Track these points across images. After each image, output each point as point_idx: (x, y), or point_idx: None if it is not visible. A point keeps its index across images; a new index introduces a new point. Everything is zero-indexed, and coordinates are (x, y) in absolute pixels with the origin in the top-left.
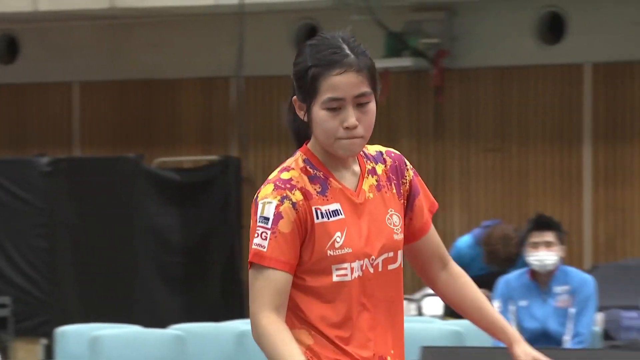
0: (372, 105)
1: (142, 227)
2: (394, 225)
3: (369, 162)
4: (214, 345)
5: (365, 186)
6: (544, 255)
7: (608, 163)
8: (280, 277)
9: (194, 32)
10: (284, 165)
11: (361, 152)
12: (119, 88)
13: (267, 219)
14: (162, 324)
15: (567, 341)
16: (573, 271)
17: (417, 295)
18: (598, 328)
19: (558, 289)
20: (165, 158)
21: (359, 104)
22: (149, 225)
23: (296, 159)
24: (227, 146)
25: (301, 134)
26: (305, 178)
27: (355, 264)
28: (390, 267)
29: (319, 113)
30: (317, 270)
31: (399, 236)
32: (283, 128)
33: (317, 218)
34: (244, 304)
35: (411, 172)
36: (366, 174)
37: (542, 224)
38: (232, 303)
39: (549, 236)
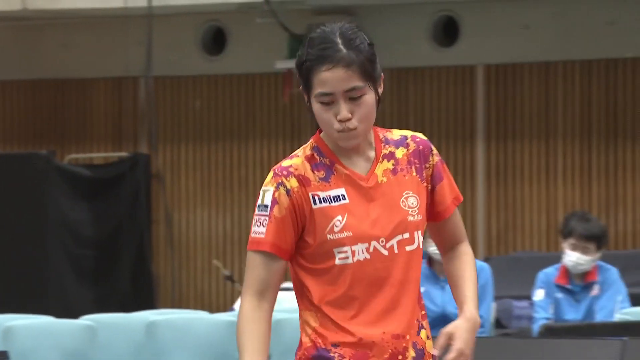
0: (367, 98)
1: (54, 221)
2: (410, 207)
3: (387, 146)
4: (124, 335)
5: (379, 170)
6: None
7: (500, 160)
8: (268, 261)
9: (104, 34)
10: (294, 152)
11: (381, 137)
12: (32, 87)
13: (266, 206)
14: (74, 314)
15: None
16: None
17: None
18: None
19: None
20: (76, 155)
21: (352, 97)
22: (60, 219)
23: (305, 147)
24: (137, 143)
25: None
26: (308, 165)
27: (357, 247)
28: (408, 248)
29: (315, 105)
30: (321, 254)
31: (416, 217)
32: (191, 126)
33: (315, 204)
34: (154, 295)
35: (436, 158)
36: (381, 159)
37: None
38: (142, 294)
39: None
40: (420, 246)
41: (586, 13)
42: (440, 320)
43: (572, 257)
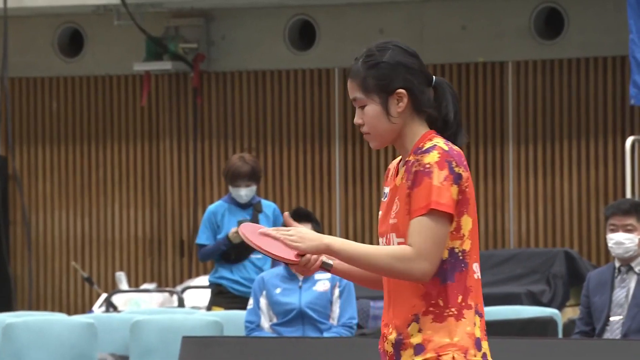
0: (369, 108)
1: None
2: (394, 210)
3: (412, 155)
4: None
5: (399, 175)
6: None
7: (356, 162)
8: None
9: None
10: None
11: (419, 145)
12: None
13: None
14: None
15: (333, 325)
16: None
17: (178, 287)
18: None
19: (319, 275)
20: None
21: (360, 105)
22: None
23: None
24: None
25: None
26: (397, 161)
27: (380, 241)
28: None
29: None
30: None
31: (392, 220)
32: (48, 128)
33: (383, 198)
34: (11, 297)
35: (417, 168)
36: (403, 164)
37: (301, 215)
38: (0, 297)
39: (307, 227)
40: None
41: (439, 18)
42: (299, 316)
43: None
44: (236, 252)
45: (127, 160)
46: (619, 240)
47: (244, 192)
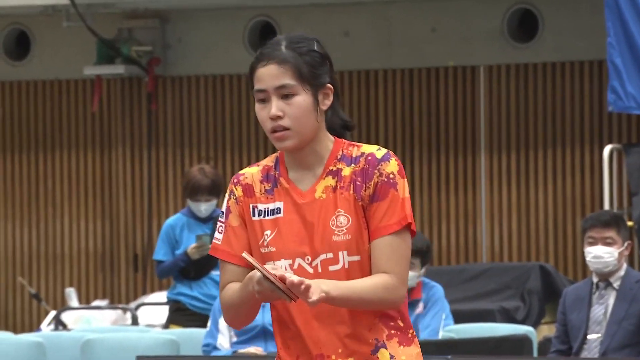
0: (299, 99)
1: None
2: (338, 226)
3: (339, 163)
4: None
5: (319, 187)
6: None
7: None
8: (231, 269)
9: None
10: (264, 159)
11: (339, 153)
12: None
13: (223, 212)
14: None
15: None
16: None
17: (132, 304)
18: None
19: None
20: None
21: (284, 95)
22: None
23: (272, 156)
24: None
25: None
26: (259, 175)
27: (281, 263)
28: (332, 268)
29: (255, 105)
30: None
31: (341, 237)
32: None
33: (253, 215)
34: None
35: (380, 179)
36: (325, 175)
37: None
38: None
39: None
40: (346, 266)
41: (407, 20)
42: (262, 333)
43: None
44: (196, 268)
45: (77, 170)
46: (598, 254)
47: (204, 207)
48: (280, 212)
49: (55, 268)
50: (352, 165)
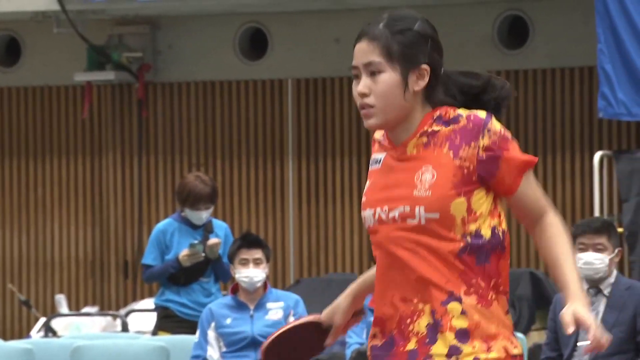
0: (385, 76)
1: None
2: (421, 182)
3: (435, 125)
4: None
5: (411, 143)
6: (253, 272)
7: (310, 178)
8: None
9: None
10: None
11: (435, 115)
12: None
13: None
14: None
15: None
16: (281, 292)
17: (121, 311)
18: None
19: (271, 304)
20: None
21: (372, 72)
22: None
23: None
24: None
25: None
26: (383, 131)
27: (367, 212)
28: (409, 221)
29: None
30: None
31: (421, 193)
32: None
33: (370, 165)
34: None
35: (489, 140)
36: (419, 135)
37: (251, 241)
38: None
39: (258, 253)
40: (423, 222)
41: None
42: (251, 344)
43: None
44: (186, 275)
45: (68, 176)
46: (589, 261)
47: (205, 215)
48: (379, 164)
49: (45, 274)
50: (452, 125)
